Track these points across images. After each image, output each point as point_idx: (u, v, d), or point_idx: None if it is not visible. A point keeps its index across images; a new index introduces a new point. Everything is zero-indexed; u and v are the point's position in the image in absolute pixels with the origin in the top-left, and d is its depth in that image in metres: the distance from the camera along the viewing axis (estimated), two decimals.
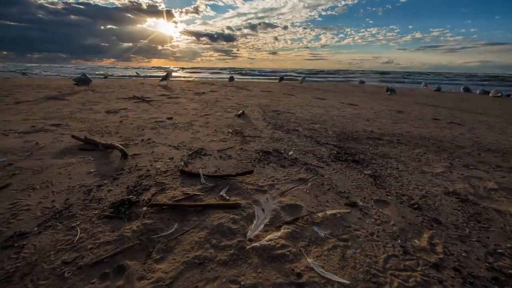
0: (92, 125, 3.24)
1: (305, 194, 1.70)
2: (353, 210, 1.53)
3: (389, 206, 1.62)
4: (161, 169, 1.99)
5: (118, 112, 4.17)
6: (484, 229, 1.41)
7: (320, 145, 2.89)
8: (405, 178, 2.07)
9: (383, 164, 2.35)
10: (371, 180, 2.00)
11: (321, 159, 2.40)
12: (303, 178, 1.96)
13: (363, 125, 4.09)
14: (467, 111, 6.27)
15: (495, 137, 3.65)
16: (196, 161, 2.23)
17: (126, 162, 2.10)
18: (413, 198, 1.72)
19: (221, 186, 1.74)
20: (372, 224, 1.40)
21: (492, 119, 5.25)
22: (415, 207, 1.60)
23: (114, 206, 1.39)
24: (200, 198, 1.55)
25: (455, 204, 1.67)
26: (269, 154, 2.49)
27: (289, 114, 4.84)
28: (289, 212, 1.47)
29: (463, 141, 3.35)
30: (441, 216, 1.52)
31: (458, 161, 2.54)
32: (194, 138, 2.93)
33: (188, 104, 5.57)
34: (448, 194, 1.82)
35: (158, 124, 3.52)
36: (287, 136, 3.21)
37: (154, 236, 1.19)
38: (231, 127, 3.53)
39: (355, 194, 1.75)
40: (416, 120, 4.81)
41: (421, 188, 1.89)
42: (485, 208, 1.64)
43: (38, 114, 3.67)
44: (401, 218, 1.47)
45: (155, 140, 2.76)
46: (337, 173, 2.10)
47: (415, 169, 2.28)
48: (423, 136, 3.54)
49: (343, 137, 3.28)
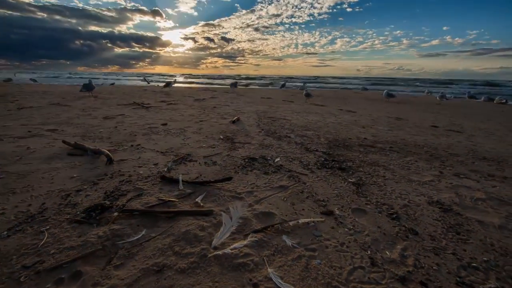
0: (87, 131, 3.32)
1: (282, 202, 1.69)
2: (328, 219, 1.51)
3: (366, 215, 1.58)
4: (143, 174, 2.01)
5: (115, 118, 4.26)
6: (462, 241, 1.36)
7: (309, 152, 2.88)
8: (390, 186, 2.02)
9: (369, 172, 2.31)
10: (354, 188, 1.96)
11: (307, 166, 2.38)
12: (284, 186, 1.94)
13: (358, 132, 4.05)
14: (468, 118, 6.15)
15: (493, 145, 3.56)
16: (180, 167, 2.24)
17: (111, 167, 2.13)
18: (394, 208, 1.68)
19: (199, 192, 1.75)
20: (345, 234, 1.37)
21: (493, 126, 5.12)
22: (393, 217, 1.56)
23: (87, 211, 1.41)
24: (174, 205, 1.56)
25: (436, 214, 1.62)
26: (255, 160, 2.49)
27: (284, 120, 4.85)
28: (262, 220, 1.46)
29: (458, 149, 3.28)
30: (419, 226, 1.47)
31: (449, 170, 2.48)
32: (184, 144, 2.96)
33: (186, 110, 5.65)
34: (432, 203, 1.76)
35: (151, 130, 3.57)
36: (278, 142, 3.21)
37: (120, 242, 1.19)
38: (223, 133, 3.55)
39: (334, 202, 1.72)
40: (414, 127, 4.73)
41: (404, 197, 1.85)
42: (468, 219, 1.58)
43: (37, 120, 3.79)
44: (376, 228, 1.44)
45: (144, 145, 2.80)
46: (320, 180, 2.08)
47: (402, 177, 2.24)
48: (417, 143, 3.48)
49: (334, 144, 3.25)
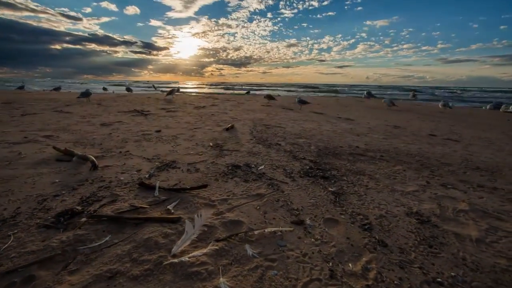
0: (81, 137, 3.42)
1: (255, 210, 1.67)
2: (297, 229, 1.48)
3: (338, 225, 1.55)
4: (124, 181, 2.05)
5: (112, 125, 4.38)
6: (433, 255, 1.31)
7: (296, 160, 2.86)
8: (370, 196, 1.98)
9: (353, 181, 2.28)
10: (332, 197, 1.93)
11: (289, 175, 2.37)
12: (261, 194, 1.93)
13: (351, 140, 4.01)
14: (470, 127, 6.00)
15: (491, 154, 3.45)
16: (162, 173, 2.27)
17: (94, 173, 2.18)
18: (368, 218, 1.64)
19: (173, 199, 1.76)
20: (310, 244, 1.34)
21: (495, 135, 4.98)
22: (365, 228, 1.52)
23: (57, 216, 1.44)
24: (145, 211, 1.57)
25: (412, 226, 1.58)
26: (238, 168, 2.50)
27: (279, 128, 4.86)
28: (229, 228, 1.45)
29: (452, 158, 3.19)
30: (390, 238, 1.43)
31: (437, 180, 2.41)
32: (172, 151, 3.00)
33: (183, 117, 5.74)
34: (410, 214, 1.72)
35: (144, 136, 3.64)
36: (267, 150, 3.21)
37: (81, 247, 1.21)
38: (214, 141, 3.59)
39: (308, 211, 1.70)
40: (411, 135, 4.65)
41: (383, 207, 1.81)
42: (444, 231, 1.53)
43: (36, 126, 3.93)
44: (345, 239, 1.40)
45: (132, 152, 2.85)
46: (299, 189, 2.06)
47: (385, 187, 2.19)
48: (410, 152, 3.41)
49: (323, 153, 3.22)
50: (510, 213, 1.80)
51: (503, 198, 2.05)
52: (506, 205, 1.92)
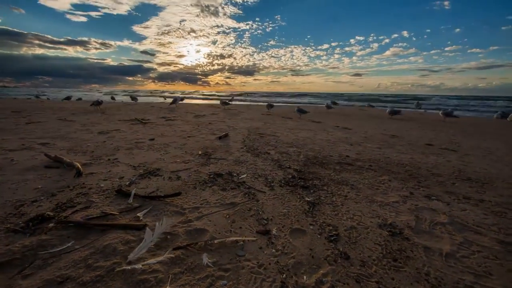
0: (76, 144, 3.54)
1: (223, 219, 1.68)
2: (261, 239, 1.47)
3: (304, 236, 1.53)
4: (104, 188, 2.10)
5: (109, 133, 4.52)
6: (395, 269, 1.26)
7: (280, 169, 2.86)
8: (347, 207, 1.95)
9: (333, 191, 2.25)
10: (307, 207, 1.91)
11: (269, 184, 2.36)
12: (235, 202, 1.93)
13: (343, 149, 3.97)
14: (472, 136, 5.84)
15: (487, 165, 3.33)
16: (143, 181, 2.31)
17: (77, 180, 2.24)
18: (338, 229, 1.61)
19: (146, 207, 1.79)
20: (270, 255, 1.33)
21: (496, 145, 4.82)
22: (331, 239, 1.50)
23: (28, 221, 1.49)
24: (114, 218, 1.61)
25: (381, 238, 1.53)
26: (220, 176, 2.51)
27: (273, 137, 4.88)
28: (192, 237, 1.46)
29: (444, 168, 3.11)
30: (354, 251, 1.40)
31: (422, 191, 2.35)
32: (160, 159, 3.06)
33: (180, 126, 5.86)
34: (382, 226, 1.67)
35: (137, 144, 3.74)
36: (254, 159, 3.23)
37: (42, 252, 1.25)
38: (204, 149, 3.63)
39: (277, 221, 1.68)
40: (407, 145, 4.57)
41: (356, 218, 1.77)
42: (414, 244, 1.48)
43: (36, 134, 4.11)
44: (307, 251, 1.38)
45: (121, 160, 2.93)
46: (275, 198, 2.05)
47: (365, 197, 2.15)
48: (401, 162, 3.34)
49: (311, 162, 3.21)
50: (491, 226, 1.73)
51: (488, 211, 1.97)
52: (489, 218, 1.85)
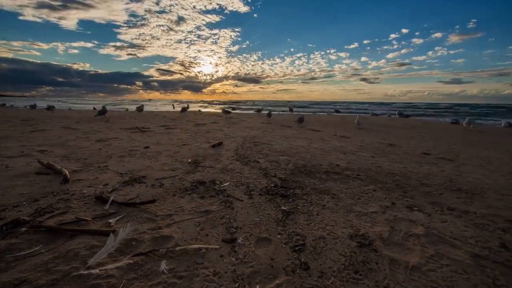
0: (72, 152, 3.68)
1: (193, 227, 1.69)
2: (225, 247, 1.48)
3: (269, 245, 1.52)
4: (86, 194, 2.17)
5: (107, 141, 4.67)
6: (354, 281, 1.24)
7: (265, 177, 2.86)
8: (322, 216, 1.93)
9: (312, 200, 2.23)
10: (281, 216, 1.90)
11: (250, 192, 2.37)
12: (209, 210, 1.95)
13: (334, 158, 3.94)
14: (474, 145, 5.66)
15: (482, 175, 3.22)
16: (126, 188, 2.37)
17: (63, 186, 2.33)
18: (305, 239, 1.59)
19: (120, 213, 1.83)
20: (229, 263, 1.33)
21: (497, 154, 4.65)
22: (296, 249, 1.48)
23: (3, 225, 1.55)
24: (87, 223, 1.65)
25: (349, 249, 1.51)
26: (202, 184, 2.54)
27: (267, 145, 4.90)
28: (156, 243, 1.48)
29: (435, 179, 3.02)
30: (316, 261, 1.38)
31: (406, 201, 2.30)
32: (148, 166, 3.13)
33: (178, 134, 5.98)
34: (353, 237, 1.64)
35: (130, 152, 3.84)
36: (241, 167, 3.25)
37: (8, 255, 1.30)
38: (195, 157, 3.69)
39: (246, 230, 1.68)
40: (402, 154, 4.48)
41: (328, 228, 1.75)
42: (381, 256, 1.44)
43: (37, 141, 4.30)
44: (268, 260, 1.37)
45: (110, 167, 3.02)
46: (251, 207, 2.05)
47: (344, 207, 2.12)
48: (392, 172, 3.28)
49: (299, 170, 3.20)
50: (468, 239, 1.67)
51: (470, 223, 1.90)
52: (469, 231, 1.78)
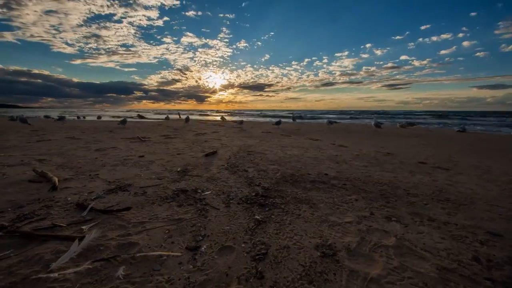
0: (68, 161, 3.84)
1: (161, 234, 1.73)
2: (186, 254, 1.50)
3: (231, 254, 1.53)
4: (70, 201, 2.26)
5: (105, 150, 4.85)
6: None
7: (249, 186, 2.88)
8: (294, 225, 1.92)
9: (288, 210, 2.23)
10: (252, 225, 1.91)
11: (228, 201, 2.40)
12: (183, 218, 1.99)
13: (325, 168, 3.91)
14: (474, 154, 5.46)
15: (476, 185, 3.11)
16: (109, 196, 2.45)
17: (50, 193, 2.44)
18: (269, 248, 1.59)
19: (96, 220, 1.90)
20: (185, 271, 1.35)
21: (498, 163, 4.47)
22: (256, 258, 1.48)
23: None
24: (61, 229, 1.72)
25: (310, 259, 1.49)
26: (184, 193, 2.59)
27: (260, 154, 4.93)
28: (121, 249, 1.52)
29: (424, 188, 2.94)
30: (273, 271, 1.37)
31: (386, 211, 2.25)
32: (137, 175, 3.22)
33: (176, 144, 6.13)
34: (319, 247, 1.63)
35: (124, 161, 3.97)
36: (228, 176, 3.28)
37: None
38: (185, 166, 3.77)
39: (213, 238, 1.70)
40: (397, 163, 4.39)
41: (296, 238, 1.74)
42: (342, 267, 1.42)
43: (40, 151, 4.52)
44: (225, 268, 1.38)
45: (101, 175, 3.13)
46: (225, 216, 2.07)
47: (320, 216, 2.10)
48: (380, 181, 3.22)
49: (285, 180, 3.20)
50: (440, 251, 1.61)
51: (447, 235, 1.84)
52: (444, 242, 1.72)
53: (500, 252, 1.62)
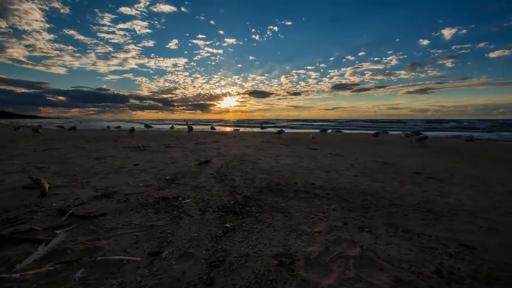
0: (66, 169, 4.04)
1: (129, 240, 1.79)
2: (146, 260, 1.55)
3: (190, 260, 1.56)
4: (54, 207, 2.38)
5: (103, 159, 5.05)
6: None
7: (230, 195, 2.92)
8: (261, 234, 1.94)
9: (262, 218, 2.24)
10: (220, 233, 1.94)
11: (205, 209, 2.44)
12: (154, 225, 2.05)
13: (314, 177, 3.90)
14: (477, 164, 5.25)
15: (466, 196, 3.01)
16: (93, 202, 2.55)
17: (39, 199, 2.58)
18: (228, 256, 1.62)
19: (72, 225, 1.99)
20: (140, 275, 1.40)
21: (498, 175, 4.28)
22: (213, 265, 1.51)
23: None
24: (37, 233, 1.82)
25: (265, 267, 1.50)
26: (165, 200, 2.67)
27: (252, 164, 4.96)
28: (86, 253, 1.59)
29: (410, 199, 2.88)
30: (225, 277, 1.40)
31: (361, 221, 2.22)
32: (126, 182, 3.33)
33: (173, 152, 6.28)
34: (278, 256, 1.63)
35: (118, 169, 4.12)
36: (213, 185, 3.34)
37: None
38: (175, 174, 3.86)
39: (177, 244, 1.75)
40: (391, 173, 4.30)
41: (259, 246, 1.75)
42: (294, 276, 1.42)
43: (42, 159, 4.78)
44: (179, 274, 1.42)
45: (92, 183, 3.27)
46: (197, 223, 2.12)
47: (290, 226, 2.11)
48: (366, 191, 3.17)
49: (269, 189, 3.21)
50: (403, 263, 1.58)
51: (416, 246, 1.80)
52: (409, 254, 1.68)
53: (467, 266, 1.57)
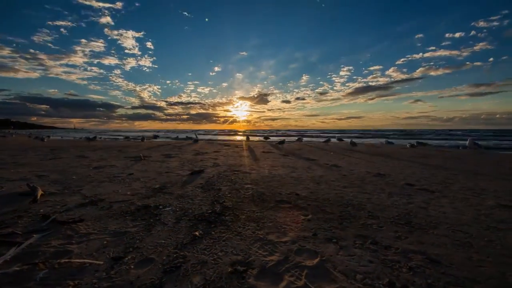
0: (63, 177, 4.26)
1: (99, 244, 1.89)
2: (108, 264, 1.63)
3: (149, 265, 1.63)
4: (41, 213, 2.53)
5: (102, 168, 5.28)
6: None
7: (211, 204, 2.98)
8: (226, 242, 1.98)
9: (234, 227, 2.29)
10: (187, 240, 2.00)
11: (181, 217, 2.52)
12: (127, 232, 2.14)
13: (302, 188, 3.90)
14: (475, 176, 5.05)
15: (453, 209, 2.92)
16: (77, 209, 2.69)
17: (30, 205, 2.75)
18: (186, 263, 1.67)
19: (51, 229, 2.12)
20: (96, 278, 1.47)
21: (495, 187, 4.10)
22: (168, 271, 1.57)
23: None
24: (17, 237, 1.96)
25: (217, 275, 1.54)
26: (146, 208, 2.77)
27: (244, 174, 5.02)
28: (55, 256, 1.69)
29: (392, 211, 2.83)
30: (175, 283, 1.45)
31: (332, 232, 2.22)
32: (115, 191, 3.48)
33: (171, 162, 6.46)
34: (235, 264, 1.67)
35: (112, 178, 4.30)
36: (198, 194, 3.42)
37: None
38: (165, 184, 3.98)
39: (142, 251, 1.82)
40: (382, 185, 4.22)
41: (220, 254, 1.79)
42: (242, 284, 1.46)
43: (45, 168, 5.06)
44: (134, 278, 1.48)
45: (83, 191, 3.44)
46: (168, 231, 2.19)
47: (258, 235, 2.14)
48: (349, 203, 3.14)
49: (251, 199, 3.25)
50: (358, 274, 1.57)
51: (379, 258, 1.78)
52: (368, 266, 1.67)
53: (423, 279, 1.54)
